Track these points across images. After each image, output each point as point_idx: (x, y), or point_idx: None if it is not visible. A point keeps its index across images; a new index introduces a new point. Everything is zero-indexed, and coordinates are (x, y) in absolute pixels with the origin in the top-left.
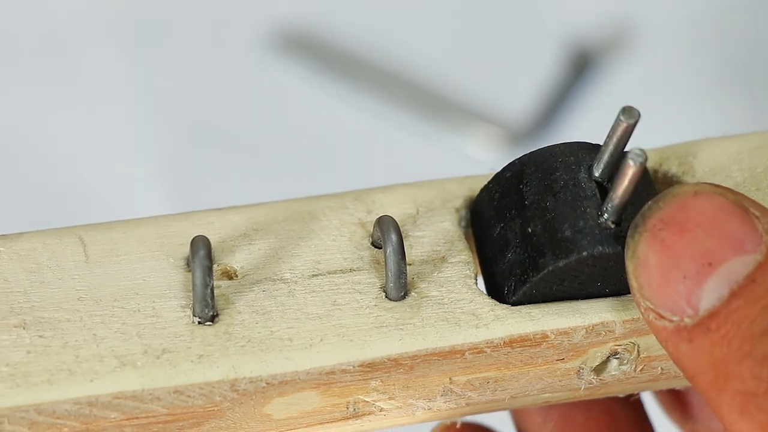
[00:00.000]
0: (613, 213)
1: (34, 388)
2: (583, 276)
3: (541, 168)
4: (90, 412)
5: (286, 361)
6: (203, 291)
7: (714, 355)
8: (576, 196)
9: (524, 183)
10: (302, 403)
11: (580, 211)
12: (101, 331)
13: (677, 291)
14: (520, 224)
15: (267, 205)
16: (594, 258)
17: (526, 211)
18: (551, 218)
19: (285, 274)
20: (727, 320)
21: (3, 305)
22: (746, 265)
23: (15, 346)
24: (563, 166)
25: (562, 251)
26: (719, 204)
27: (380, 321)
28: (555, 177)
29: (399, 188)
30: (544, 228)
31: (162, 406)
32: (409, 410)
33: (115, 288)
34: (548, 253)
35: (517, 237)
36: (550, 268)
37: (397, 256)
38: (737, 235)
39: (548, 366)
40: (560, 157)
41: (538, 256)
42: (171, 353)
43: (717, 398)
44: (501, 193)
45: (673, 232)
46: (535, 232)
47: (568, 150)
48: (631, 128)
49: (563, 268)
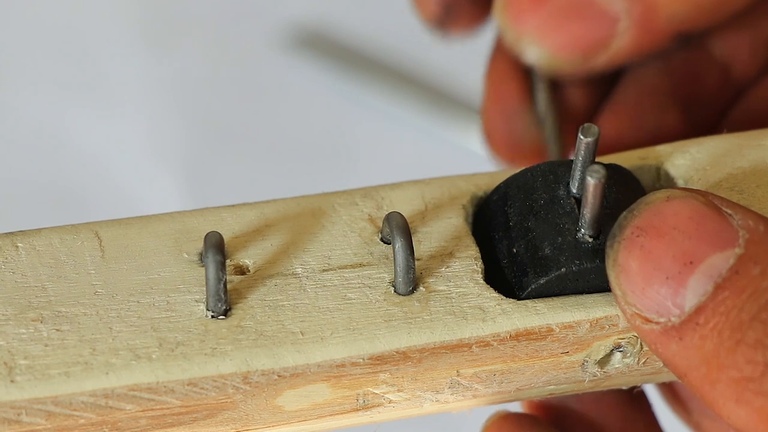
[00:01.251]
0: (588, 227)
1: (52, 380)
2: (568, 287)
3: (522, 189)
4: (106, 404)
5: (297, 355)
6: (216, 286)
7: (705, 348)
8: (555, 213)
9: (508, 205)
10: (313, 395)
11: (558, 228)
12: (117, 325)
13: (661, 292)
14: (507, 245)
15: (279, 201)
16: (574, 273)
17: (510, 232)
18: (532, 237)
19: (296, 269)
20: (715, 312)
21: (21, 299)
22: (727, 259)
23: (33, 339)
24: (543, 185)
25: (542, 269)
26: (692, 206)
27: (389, 315)
28: (535, 197)
29: (407, 185)
30: (526, 247)
31: (176, 398)
32: (418, 402)
33: (131, 283)
34: (530, 272)
35: (505, 258)
36: (533, 287)
37: (406, 252)
38: (715, 233)
39: (553, 359)
40: (540, 177)
41: (522, 275)
42: (185, 346)
43: (711, 391)
44: (489, 217)
45: (651, 237)
46: (519, 251)
47: (548, 169)
48: (592, 145)
49: (545, 285)
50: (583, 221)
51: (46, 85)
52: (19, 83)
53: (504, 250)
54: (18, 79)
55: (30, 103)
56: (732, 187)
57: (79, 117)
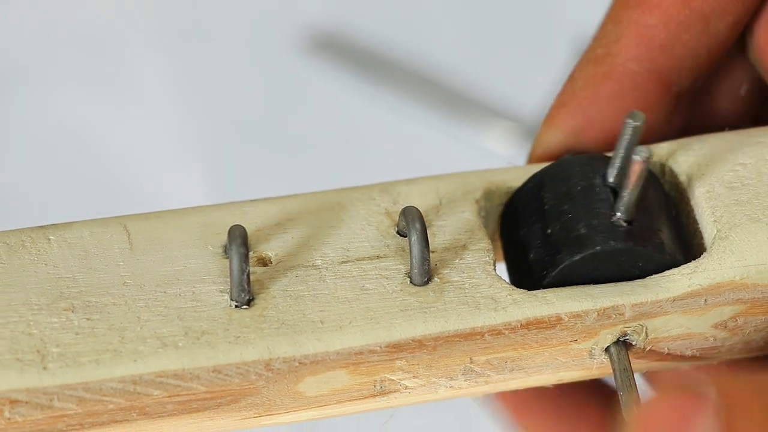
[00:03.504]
0: (624, 212)
1: (82, 367)
2: (596, 271)
3: (559, 177)
4: (134, 390)
5: (317, 342)
6: (240, 277)
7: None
8: (590, 199)
9: (544, 191)
10: (332, 382)
11: (594, 212)
12: (145, 314)
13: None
14: (540, 227)
15: (299, 196)
16: (606, 252)
17: (545, 215)
18: (567, 219)
19: (316, 260)
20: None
21: (53, 290)
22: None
23: (64, 328)
24: (579, 174)
25: (577, 247)
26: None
27: (405, 305)
28: (571, 184)
29: (422, 180)
30: (561, 228)
31: (201, 384)
32: (432, 388)
33: (158, 274)
34: (564, 250)
35: (538, 239)
36: (567, 263)
37: (421, 244)
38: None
39: (562, 347)
40: (577, 167)
41: (555, 253)
42: (210, 335)
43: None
44: (523, 203)
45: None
46: (554, 232)
47: (584, 160)
48: (639, 129)
49: (579, 262)
50: (621, 204)
51: (75, 83)
52: (50, 82)
53: (537, 233)
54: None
55: (60, 102)
56: (733, 183)
57: (109, 116)
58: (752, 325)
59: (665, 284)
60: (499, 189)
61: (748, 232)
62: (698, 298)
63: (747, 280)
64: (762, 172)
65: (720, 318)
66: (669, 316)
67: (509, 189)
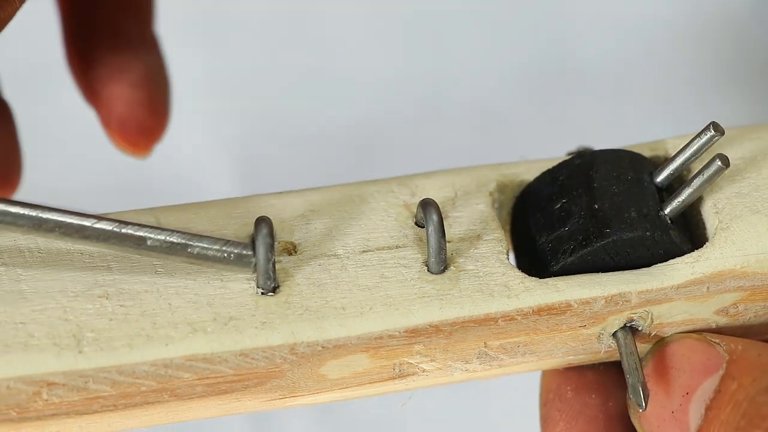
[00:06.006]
0: (672, 210)
1: (116, 351)
2: (627, 253)
3: (611, 161)
4: (165, 373)
5: (339, 328)
6: (266, 265)
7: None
8: (640, 190)
9: (594, 170)
10: (354, 365)
11: (643, 202)
12: (175, 301)
13: (672, 426)
14: (587, 201)
15: (322, 189)
16: (651, 240)
17: (594, 192)
18: (618, 200)
19: (338, 250)
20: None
21: (88, 278)
22: (713, 382)
23: (99, 314)
24: (630, 165)
25: (628, 226)
26: (685, 344)
27: (423, 292)
28: (623, 170)
29: (439, 174)
30: (611, 206)
31: (229, 367)
32: (448, 371)
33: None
34: (615, 226)
35: (582, 210)
36: (614, 238)
37: (438, 234)
38: (703, 363)
39: (572, 332)
40: (628, 159)
41: (603, 227)
42: (237, 320)
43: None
44: (568, 175)
45: (656, 380)
46: (602, 208)
47: (634, 156)
48: (715, 141)
49: (625, 241)
50: (674, 201)
51: None
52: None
53: (583, 206)
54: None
55: None
56: (733, 176)
57: None
58: (752, 312)
59: (670, 272)
60: (512, 182)
61: (748, 223)
62: (701, 286)
63: (747, 268)
64: (761, 166)
65: (722, 304)
66: (673, 302)
67: (522, 182)
